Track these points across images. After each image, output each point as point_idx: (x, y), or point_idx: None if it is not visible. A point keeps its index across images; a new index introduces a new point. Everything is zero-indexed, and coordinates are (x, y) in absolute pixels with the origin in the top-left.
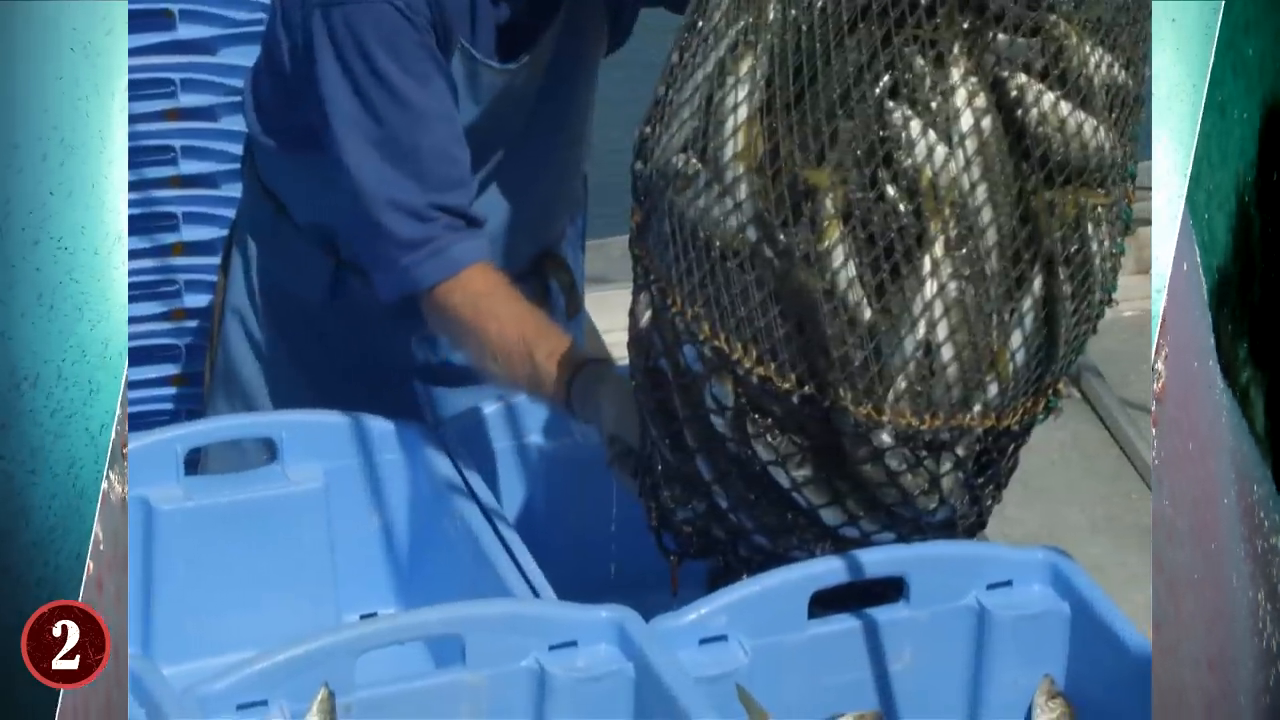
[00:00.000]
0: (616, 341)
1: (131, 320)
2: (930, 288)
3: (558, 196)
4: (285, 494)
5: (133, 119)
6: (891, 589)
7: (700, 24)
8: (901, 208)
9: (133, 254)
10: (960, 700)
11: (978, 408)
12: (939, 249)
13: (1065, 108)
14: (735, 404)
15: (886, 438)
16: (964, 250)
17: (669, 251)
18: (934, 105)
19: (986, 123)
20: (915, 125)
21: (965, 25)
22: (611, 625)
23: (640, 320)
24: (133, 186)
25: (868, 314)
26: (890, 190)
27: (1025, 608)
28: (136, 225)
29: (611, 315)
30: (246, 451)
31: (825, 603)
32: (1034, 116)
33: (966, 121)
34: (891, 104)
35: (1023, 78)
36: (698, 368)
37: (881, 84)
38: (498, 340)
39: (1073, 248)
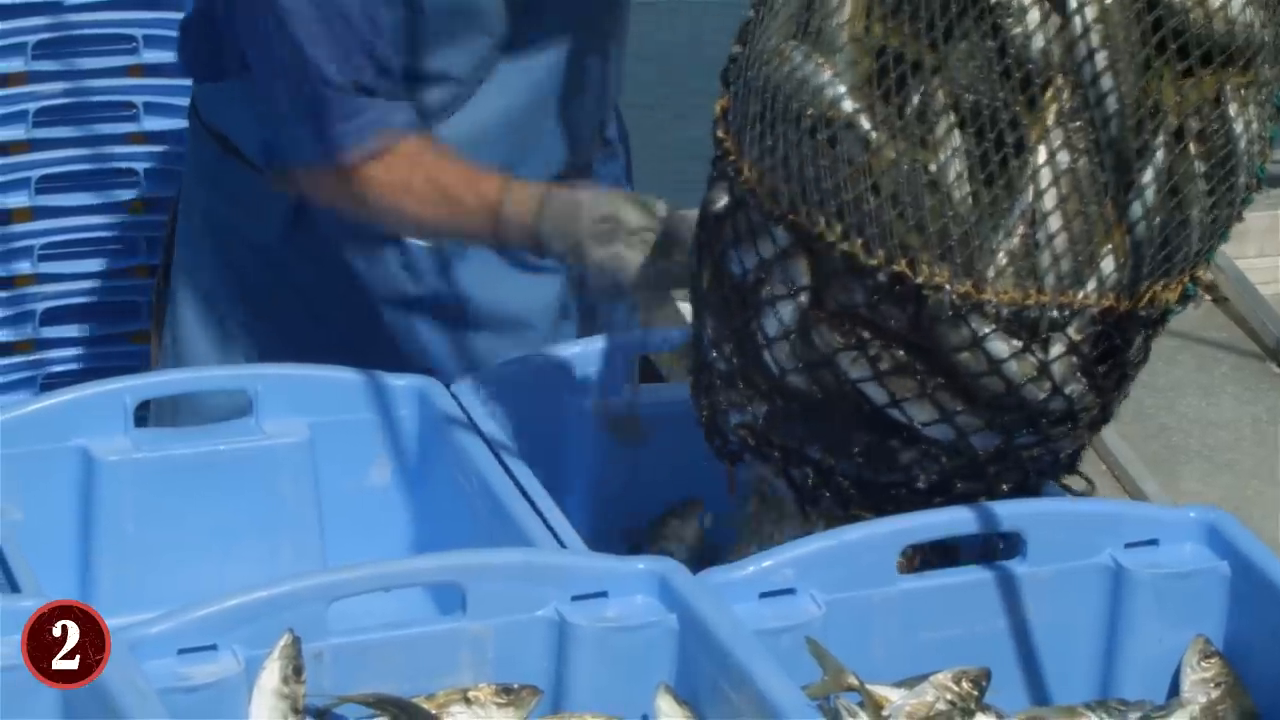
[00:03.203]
0: None
1: (87, 276)
2: (1038, 155)
3: (576, 114)
4: (260, 447)
5: (93, 74)
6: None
7: None
8: (1010, 79)
9: (88, 210)
10: (1091, 659)
11: (1092, 284)
12: (1050, 118)
13: None
14: (811, 283)
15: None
16: (1078, 123)
17: (755, 128)
18: None
19: None
20: None
21: None
22: (650, 576)
23: (714, 206)
24: (90, 142)
25: (968, 188)
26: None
27: (1172, 567)
28: (92, 181)
29: None
30: (183, 411)
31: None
32: None
33: None
34: None
35: None
36: (770, 254)
37: None
38: (447, 191)
39: (1211, 126)
